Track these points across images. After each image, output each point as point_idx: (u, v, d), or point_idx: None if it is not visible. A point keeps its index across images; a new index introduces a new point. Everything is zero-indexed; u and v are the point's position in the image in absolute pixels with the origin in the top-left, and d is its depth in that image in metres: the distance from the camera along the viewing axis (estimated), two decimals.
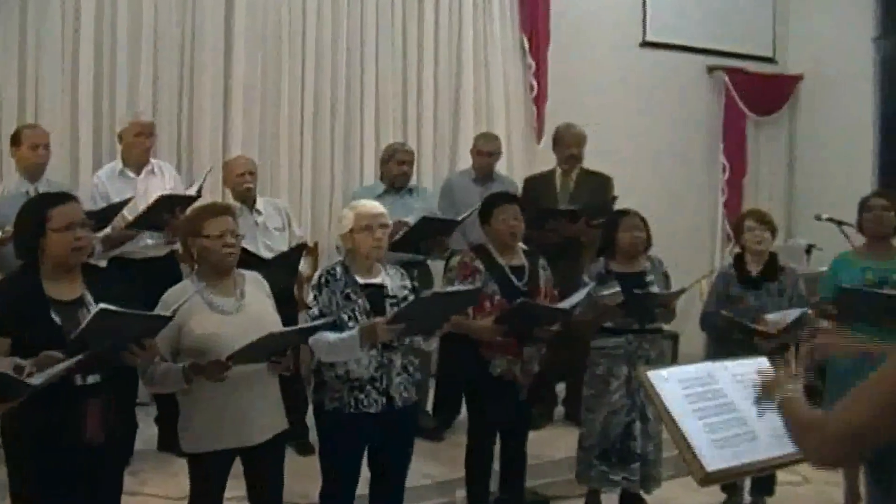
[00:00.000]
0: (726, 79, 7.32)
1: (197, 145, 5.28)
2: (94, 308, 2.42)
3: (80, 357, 2.35)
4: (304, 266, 4.58)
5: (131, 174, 4.39)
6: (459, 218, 4.60)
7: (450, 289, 3.63)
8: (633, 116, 6.85)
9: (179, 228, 3.07)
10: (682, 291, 4.03)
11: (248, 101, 5.38)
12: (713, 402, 2.06)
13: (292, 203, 5.34)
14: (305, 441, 4.33)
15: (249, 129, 5.37)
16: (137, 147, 4.38)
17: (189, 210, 3.65)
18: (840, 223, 4.86)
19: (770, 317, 3.97)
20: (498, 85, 6.22)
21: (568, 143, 5.19)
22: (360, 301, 3.25)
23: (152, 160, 4.48)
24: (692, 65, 7.25)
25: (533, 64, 6.38)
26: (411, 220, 4.52)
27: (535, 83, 6.38)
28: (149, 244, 4.30)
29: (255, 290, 3.07)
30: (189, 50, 5.28)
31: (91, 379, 2.60)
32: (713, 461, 1.91)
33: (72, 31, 5.03)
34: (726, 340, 4.06)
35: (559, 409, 5.33)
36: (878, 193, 4.24)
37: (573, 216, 4.84)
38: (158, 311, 2.75)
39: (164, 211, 4.04)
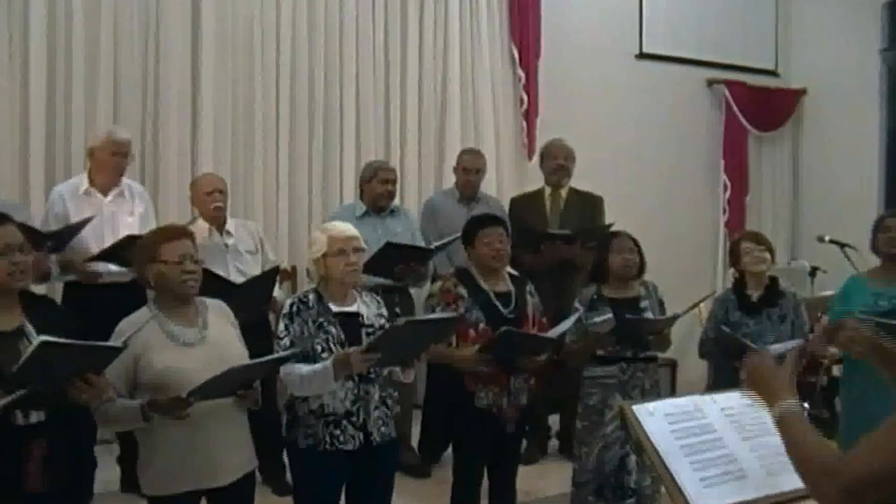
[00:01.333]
0: (727, 92, 7.36)
1: (162, 163, 5.21)
2: (36, 340, 2.35)
3: (20, 393, 2.29)
4: (279, 292, 4.56)
5: (98, 195, 4.29)
6: (434, 246, 4.60)
7: (426, 317, 3.61)
8: (629, 132, 6.88)
9: (134, 255, 3.03)
10: (676, 317, 4.01)
11: (218, 115, 5.34)
12: (701, 437, 2.03)
13: (267, 225, 5.33)
14: (282, 480, 4.29)
15: (220, 145, 5.33)
16: (111, 167, 4.27)
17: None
18: (843, 245, 4.86)
19: (772, 348, 3.95)
20: (486, 98, 6.23)
21: (554, 154, 5.24)
22: (333, 330, 3.22)
23: (123, 180, 4.39)
24: (691, 78, 7.29)
25: (523, 76, 6.41)
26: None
27: (525, 96, 6.40)
28: (112, 271, 4.19)
29: (219, 320, 3.04)
30: (153, 58, 5.20)
31: (35, 417, 2.53)
32: (701, 501, 1.89)
33: (20, 36, 4.88)
34: (727, 368, 4.04)
35: (553, 443, 5.31)
36: (894, 213, 4.12)
37: (569, 240, 4.83)
38: (112, 341, 2.71)
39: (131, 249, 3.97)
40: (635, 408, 2.08)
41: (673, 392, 6.07)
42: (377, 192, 4.84)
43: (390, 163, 5.49)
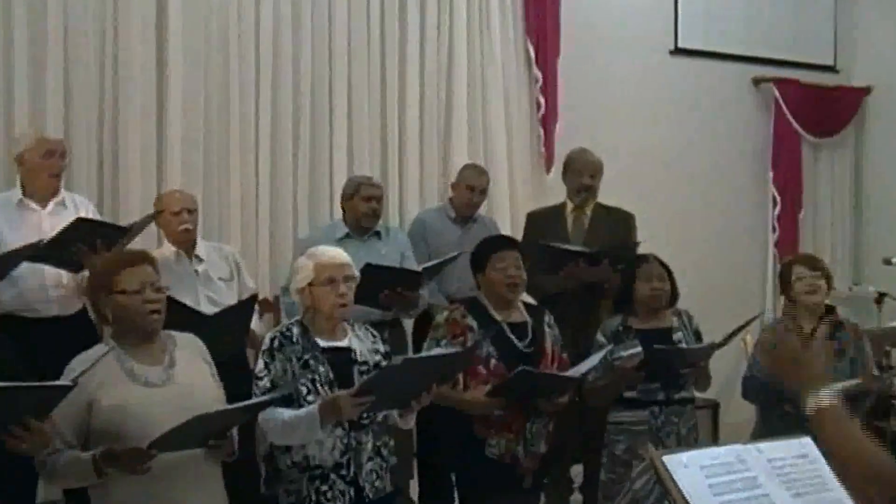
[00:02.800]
0: (776, 92, 7.34)
1: (122, 178, 5.16)
2: None
3: None
4: (258, 325, 4.59)
5: (34, 206, 4.25)
6: (421, 268, 4.63)
7: (427, 354, 3.64)
8: (662, 139, 6.87)
9: (87, 284, 3.04)
10: (714, 347, 4.04)
11: (188, 125, 5.32)
12: (744, 493, 2.03)
13: (245, 248, 5.32)
14: None
15: (190, 159, 5.31)
16: (44, 171, 4.21)
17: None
18: None
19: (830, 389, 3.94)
20: (497, 102, 6.21)
21: (579, 170, 5.22)
22: (321, 369, 3.26)
23: (64, 192, 4.37)
24: (734, 76, 7.28)
25: (540, 77, 6.39)
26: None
27: (542, 100, 6.38)
28: (51, 296, 4.16)
29: (189, 356, 3.05)
30: (110, 59, 5.18)
31: None
32: None
33: None
34: (777, 412, 4.02)
35: (576, 497, 5.29)
36: None
37: (593, 259, 4.84)
38: (61, 381, 2.72)
39: (81, 241, 3.91)
40: (666, 458, 2.09)
41: (715, 439, 6.02)
42: (359, 211, 4.88)
43: (387, 178, 5.55)
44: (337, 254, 3.40)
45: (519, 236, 5.08)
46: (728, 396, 5.45)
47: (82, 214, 4.27)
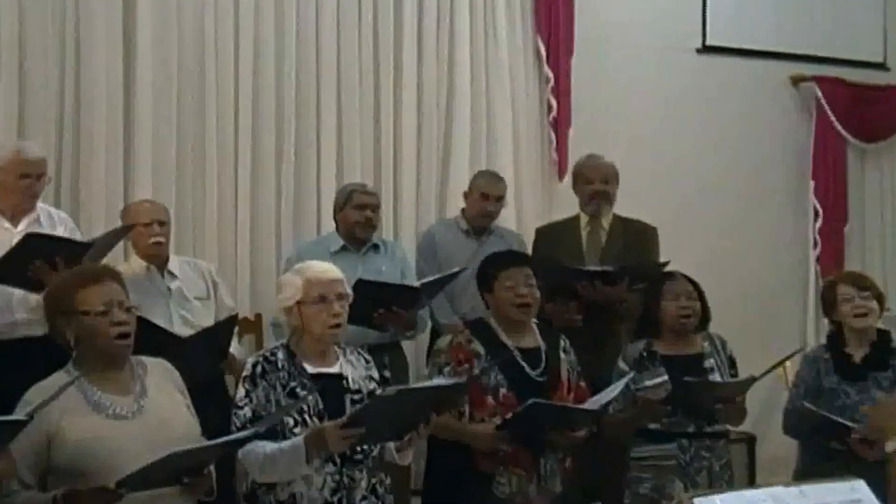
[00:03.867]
0: (818, 92, 7.28)
1: (85, 186, 5.17)
2: None
3: None
4: (238, 348, 4.60)
5: (6, 224, 4.32)
6: (419, 284, 4.65)
7: (424, 385, 3.65)
8: (689, 146, 6.85)
9: (44, 304, 3.03)
10: (753, 381, 4.03)
11: (160, 128, 5.33)
12: None
13: (223, 264, 5.34)
14: None
15: (161, 165, 5.32)
16: (18, 192, 4.31)
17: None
18: None
19: None
20: (504, 105, 6.22)
21: (589, 176, 5.24)
22: (309, 398, 3.25)
23: (40, 206, 4.42)
24: (770, 75, 7.22)
25: (552, 77, 6.38)
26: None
27: (554, 102, 6.38)
28: (17, 318, 4.19)
29: (162, 384, 3.06)
30: (72, 55, 5.19)
31: None
32: None
33: None
34: (822, 448, 4.05)
35: None
36: None
37: (610, 278, 4.84)
38: (17, 413, 2.71)
39: (38, 258, 3.90)
40: (697, 501, 2.08)
41: (751, 477, 6.02)
42: (352, 220, 4.92)
43: (381, 189, 5.54)
44: (328, 269, 3.43)
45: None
46: (764, 428, 5.44)
47: (59, 231, 4.37)
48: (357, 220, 4.91)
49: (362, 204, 4.93)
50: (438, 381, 3.65)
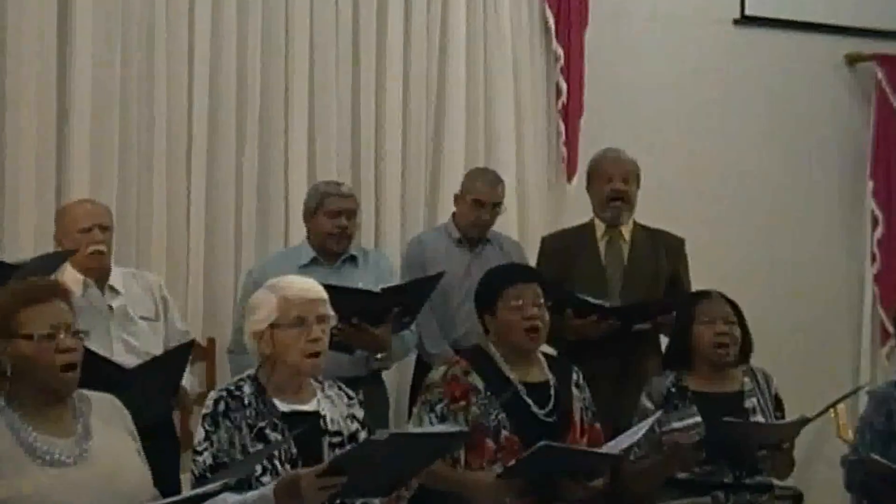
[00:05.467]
0: (879, 73, 7.21)
1: (9, 184, 5.18)
2: None
3: None
4: (190, 380, 4.61)
5: None
6: (380, 288, 4.62)
7: (422, 430, 3.66)
8: (723, 138, 6.86)
9: None
10: (804, 423, 4.05)
11: (99, 120, 5.32)
12: None
13: (172, 278, 5.34)
14: None
15: (101, 163, 5.31)
16: None
17: None
18: None
19: None
20: (505, 88, 6.22)
21: (606, 174, 5.15)
22: (281, 439, 3.28)
23: None
24: (821, 52, 7.20)
25: (562, 54, 6.37)
26: None
27: (564, 85, 6.38)
28: None
29: (109, 425, 3.07)
30: None
31: None
32: None
33: None
34: None
35: None
36: None
37: (624, 315, 4.89)
38: None
39: None
40: None
41: None
42: (324, 229, 4.91)
43: (361, 188, 5.56)
44: (308, 286, 3.45)
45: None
46: (809, 481, 5.45)
47: None
48: (329, 231, 4.89)
49: (336, 210, 4.91)
50: (439, 427, 3.68)
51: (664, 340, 4.66)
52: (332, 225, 4.89)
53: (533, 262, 5.25)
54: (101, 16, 5.34)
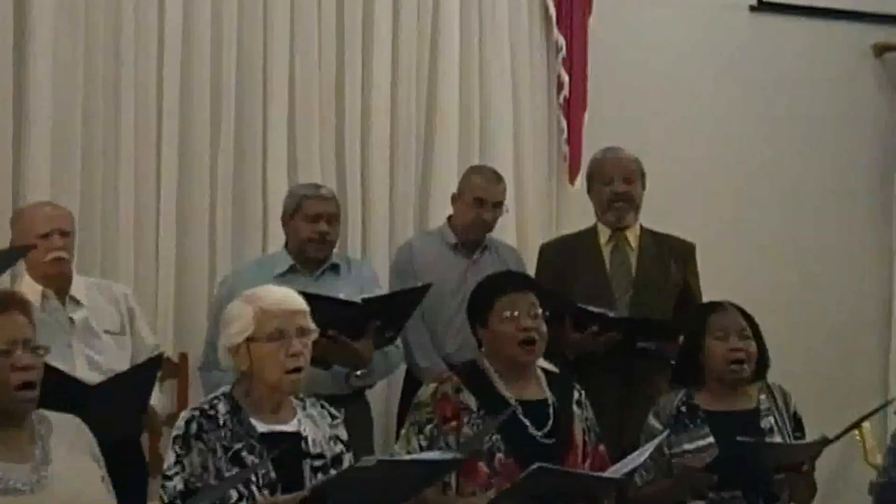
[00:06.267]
0: None
1: None
2: None
3: None
4: (160, 398, 4.63)
5: None
6: (361, 299, 4.59)
7: (414, 457, 3.66)
8: (737, 135, 6.87)
9: None
10: (826, 444, 4.06)
11: (59, 117, 5.31)
12: None
13: (141, 288, 5.35)
14: None
15: (62, 163, 5.31)
16: None
17: None
18: None
19: None
20: (501, 81, 6.23)
21: (608, 174, 5.17)
22: (258, 463, 3.29)
23: None
24: (846, 42, 7.21)
25: (563, 43, 6.37)
26: None
27: (566, 77, 6.38)
28: None
29: (71, 448, 3.08)
30: None
31: None
32: None
33: None
34: None
35: None
36: None
37: (629, 328, 4.89)
38: None
39: None
40: None
41: None
42: (302, 235, 4.89)
43: (345, 190, 5.57)
44: (288, 297, 3.46)
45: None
46: None
47: None
48: (308, 236, 4.87)
49: (315, 214, 4.90)
50: (431, 454, 3.67)
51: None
52: (310, 230, 4.87)
53: (532, 272, 5.24)
54: (63, 3, 5.33)
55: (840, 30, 7.20)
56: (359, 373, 4.77)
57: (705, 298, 4.95)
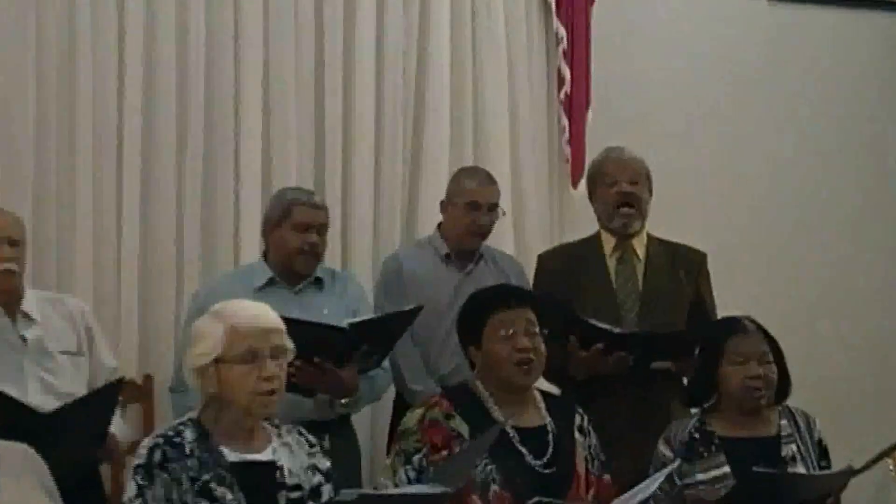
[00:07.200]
0: None
1: None
2: None
3: None
4: (121, 424, 4.60)
5: None
6: (347, 323, 4.53)
7: (397, 491, 3.67)
8: (755, 135, 6.90)
9: None
10: (853, 473, 4.07)
11: (9, 117, 5.34)
12: None
13: (101, 304, 5.35)
14: None
15: (11, 165, 5.33)
16: None
17: None
18: None
19: None
20: (497, 76, 6.24)
21: (611, 176, 5.12)
22: (228, 496, 3.30)
23: None
24: (873, 33, 7.26)
25: (564, 35, 6.39)
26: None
27: (567, 72, 6.39)
28: None
29: (19, 481, 3.10)
30: None
31: None
32: None
33: None
34: None
35: None
36: None
37: (640, 345, 4.87)
38: None
39: None
40: None
41: None
42: (291, 246, 4.84)
43: (326, 197, 5.50)
44: (261, 312, 3.47)
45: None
46: None
47: None
48: (299, 248, 4.82)
49: (306, 223, 4.83)
50: (418, 487, 3.66)
51: None
52: (300, 240, 4.81)
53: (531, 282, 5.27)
54: (23, 10, 5.36)
55: (867, 20, 7.25)
56: (344, 401, 4.74)
57: (719, 313, 4.96)
